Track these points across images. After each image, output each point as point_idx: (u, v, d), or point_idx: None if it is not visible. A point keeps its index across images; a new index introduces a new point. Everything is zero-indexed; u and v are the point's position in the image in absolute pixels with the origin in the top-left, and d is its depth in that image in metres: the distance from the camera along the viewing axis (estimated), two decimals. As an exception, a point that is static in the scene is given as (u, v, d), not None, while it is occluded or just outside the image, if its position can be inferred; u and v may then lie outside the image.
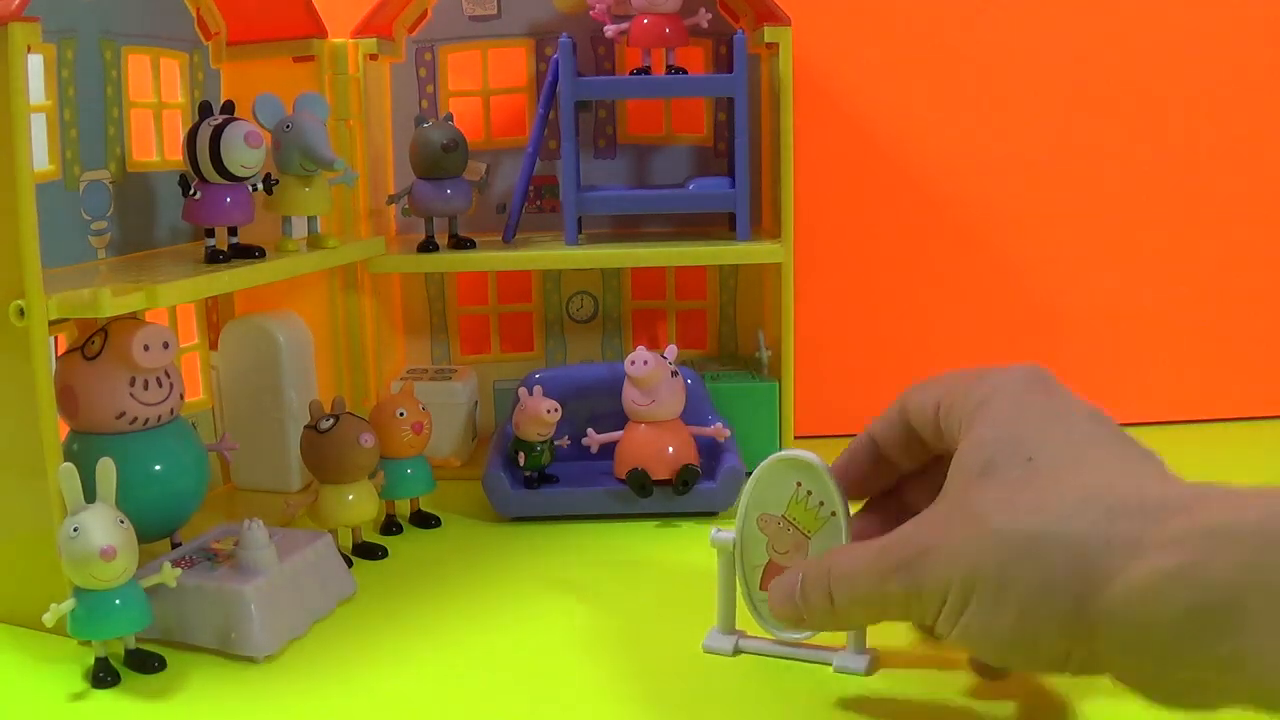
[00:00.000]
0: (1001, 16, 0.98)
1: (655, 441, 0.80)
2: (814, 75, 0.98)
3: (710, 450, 0.83)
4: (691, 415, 0.82)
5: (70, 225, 0.74)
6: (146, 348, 0.67)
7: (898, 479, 0.58)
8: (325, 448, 0.73)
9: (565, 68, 0.86)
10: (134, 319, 0.70)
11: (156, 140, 0.82)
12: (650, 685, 0.58)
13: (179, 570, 0.61)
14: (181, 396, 0.72)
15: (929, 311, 1.02)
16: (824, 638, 0.59)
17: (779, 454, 0.59)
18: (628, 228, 0.98)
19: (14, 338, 0.60)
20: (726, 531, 0.60)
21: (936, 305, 1.02)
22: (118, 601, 0.57)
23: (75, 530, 0.56)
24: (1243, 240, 1.02)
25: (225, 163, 0.72)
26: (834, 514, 0.57)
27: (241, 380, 0.86)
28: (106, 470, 0.58)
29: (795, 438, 0.87)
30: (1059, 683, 0.56)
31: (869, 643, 0.58)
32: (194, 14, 0.85)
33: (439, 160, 0.86)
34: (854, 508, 0.58)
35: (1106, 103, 0.99)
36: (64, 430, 0.68)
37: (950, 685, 0.57)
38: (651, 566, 0.73)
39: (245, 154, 0.73)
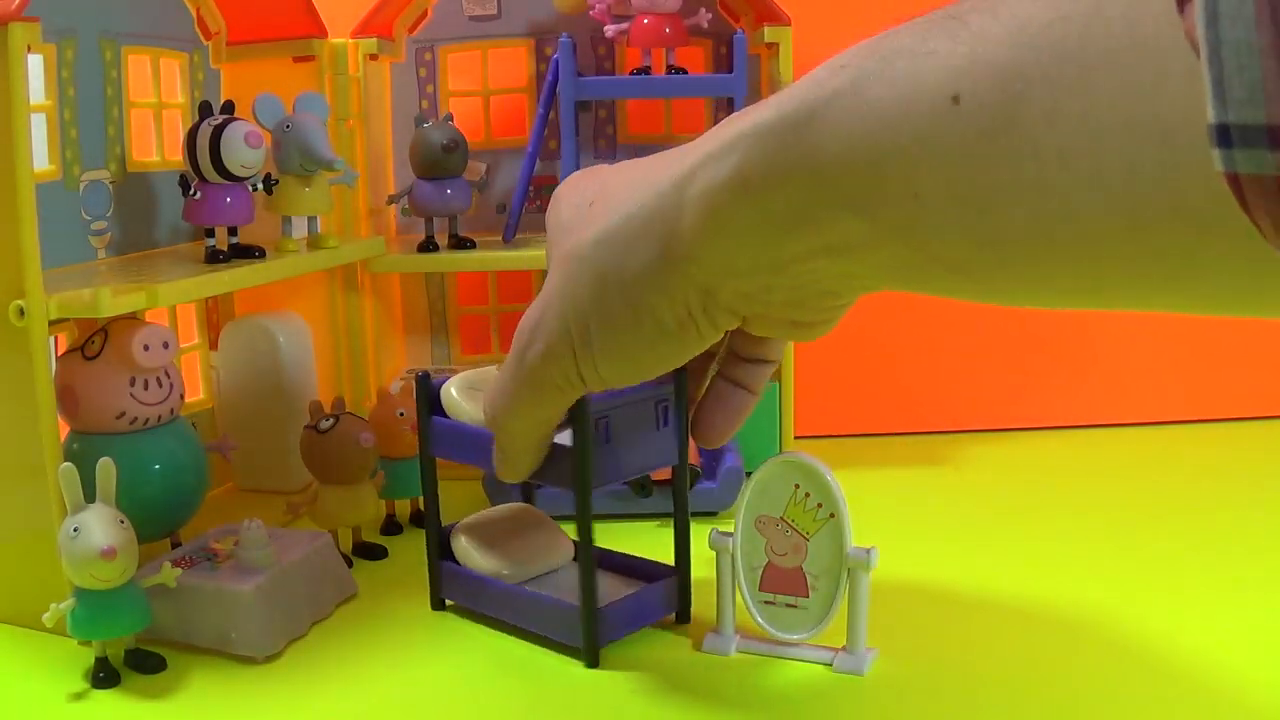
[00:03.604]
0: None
1: (655, 442, 0.80)
2: (814, 75, 0.97)
3: (710, 450, 0.83)
4: (691, 415, 0.82)
5: (70, 225, 0.74)
6: (146, 348, 0.67)
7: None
8: (325, 448, 0.73)
9: (565, 68, 0.86)
10: (134, 319, 0.70)
11: (156, 140, 0.82)
12: (650, 685, 0.58)
13: (179, 570, 0.61)
14: (181, 396, 0.72)
15: (929, 311, 1.02)
16: (824, 637, 0.59)
17: (778, 456, 0.59)
18: (628, 227, 0.98)
19: (14, 338, 0.60)
20: (726, 533, 0.60)
21: (936, 304, 1.02)
22: (118, 602, 0.57)
23: (75, 530, 0.56)
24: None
25: (225, 163, 0.72)
26: (832, 516, 0.57)
27: (241, 380, 0.86)
28: (106, 470, 0.58)
29: (795, 438, 0.87)
30: (1060, 686, 0.56)
31: (869, 643, 0.58)
32: (194, 14, 0.85)
33: (439, 160, 0.86)
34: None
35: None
36: (64, 430, 0.68)
37: (950, 685, 0.57)
38: (651, 567, 0.73)
39: (245, 154, 0.73)
